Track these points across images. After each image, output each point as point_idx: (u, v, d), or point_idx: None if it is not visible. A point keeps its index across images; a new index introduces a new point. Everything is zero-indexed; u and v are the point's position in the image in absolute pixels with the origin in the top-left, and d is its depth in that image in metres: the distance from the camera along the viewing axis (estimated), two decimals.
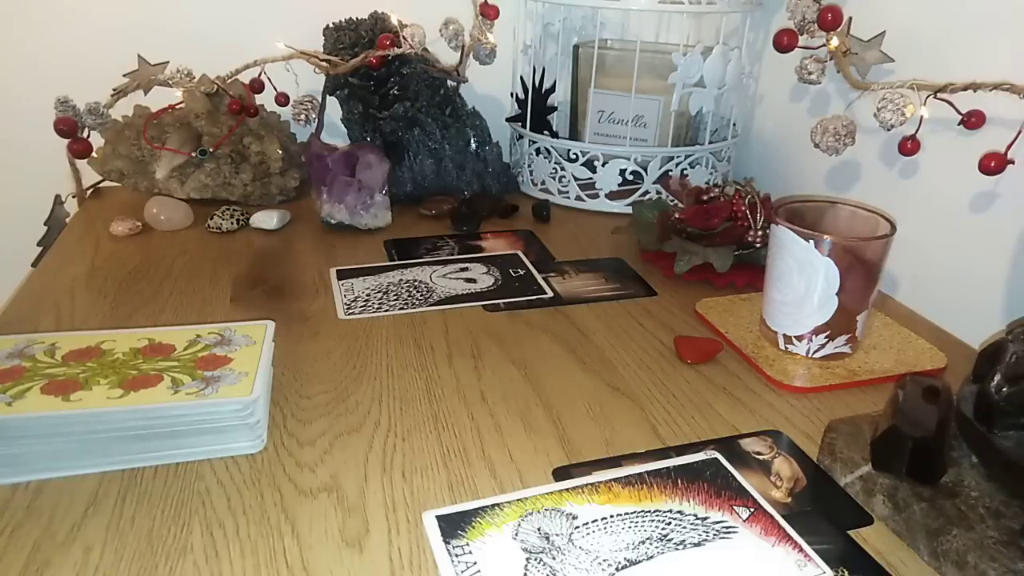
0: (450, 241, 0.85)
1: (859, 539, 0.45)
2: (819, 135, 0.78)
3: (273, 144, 0.91)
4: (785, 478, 0.50)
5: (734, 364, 0.63)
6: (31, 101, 0.93)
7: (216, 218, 0.85)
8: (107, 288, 0.71)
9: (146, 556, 0.42)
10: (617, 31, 1.08)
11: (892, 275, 0.78)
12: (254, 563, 0.41)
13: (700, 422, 0.55)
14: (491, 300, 0.72)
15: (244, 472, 0.48)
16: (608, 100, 0.93)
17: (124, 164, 0.89)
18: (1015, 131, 0.63)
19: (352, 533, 0.44)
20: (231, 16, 0.98)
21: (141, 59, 0.89)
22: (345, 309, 0.69)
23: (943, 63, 0.72)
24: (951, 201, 0.72)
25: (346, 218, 0.85)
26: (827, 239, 0.58)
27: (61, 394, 0.47)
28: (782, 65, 0.92)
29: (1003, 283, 0.68)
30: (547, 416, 0.55)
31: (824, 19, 0.77)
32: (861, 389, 0.60)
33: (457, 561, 0.41)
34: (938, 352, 0.64)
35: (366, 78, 0.91)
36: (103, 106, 0.88)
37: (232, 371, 0.51)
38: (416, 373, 0.60)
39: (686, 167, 0.94)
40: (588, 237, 0.88)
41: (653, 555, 0.42)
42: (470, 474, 0.49)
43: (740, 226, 0.76)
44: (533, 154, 0.98)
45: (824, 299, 0.59)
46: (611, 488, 0.47)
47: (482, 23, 0.94)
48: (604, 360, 0.63)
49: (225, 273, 0.75)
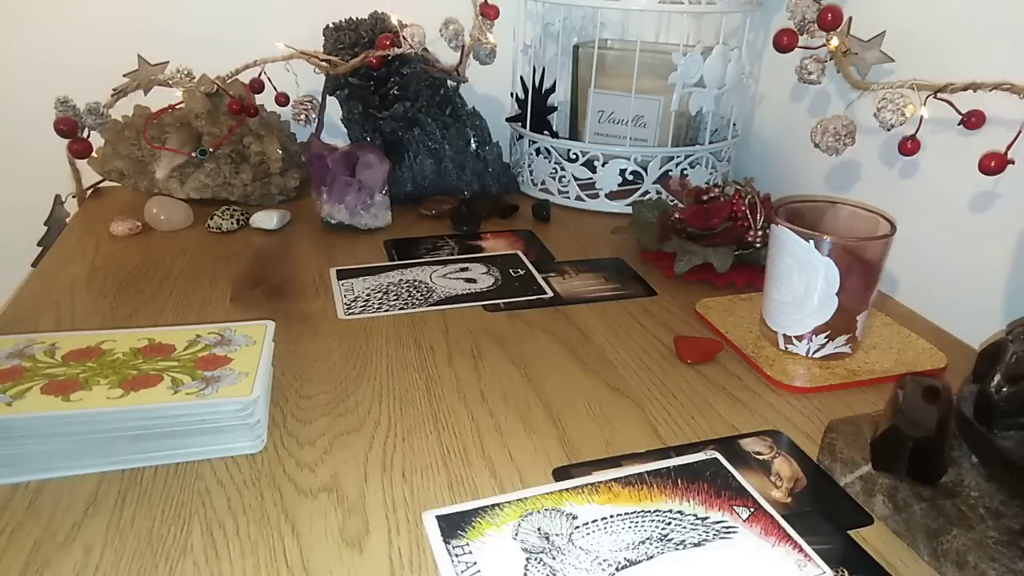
0: (450, 241, 0.85)
1: (859, 539, 0.45)
2: (819, 135, 0.78)
3: (273, 144, 0.91)
4: (785, 478, 0.50)
5: (734, 364, 0.63)
6: (31, 101, 0.93)
7: (216, 218, 0.85)
8: (107, 288, 0.71)
9: (146, 556, 0.42)
10: (617, 31, 1.08)
11: (892, 275, 0.78)
12: (254, 563, 0.41)
13: (700, 422, 0.55)
14: (491, 300, 0.72)
15: (244, 472, 0.48)
16: (608, 100, 0.93)
17: (124, 164, 0.89)
18: (1015, 131, 0.63)
19: (352, 533, 0.44)
20: (231, 16, 0.98)
21: (141, 59, 0.89)
22: (345, 309, 0.69)
23: (943, 63, 0.72)
24: (951, 201, 0.72)
25: (346, 218, 0.85)
26: (827, 239, 0.58)
27: (61, 394, 0.47)
28: (782, 65, 0.92)
29: (1003, 283, 0.68)
30: (547, 416, 0.55)
31: (824, 19, 0.77)
32: (861, 389, 0.60)
33: (457, 561, 0.41)
34: (938, 352, 0.64)
35: (366, 78, 0.91)
36: (103, 106, 0.88)
37: (232, 371, 0.51)
38: (416, 373, 0.60)
39: (686, 167, 0.94)
40: (588, 237, 0.88)
41: (653, 555, 0.42)
42: (470, 474, 0.49)
43: (740, 226, 0.76)
44: (533, 154, 0.98)
45: (824, 299, 0.60)
46: (611, 488, 0.47)
47: (482, 23, 0.94)
48: (604, 360, 0.63)
49: (225, 273, 0.75)
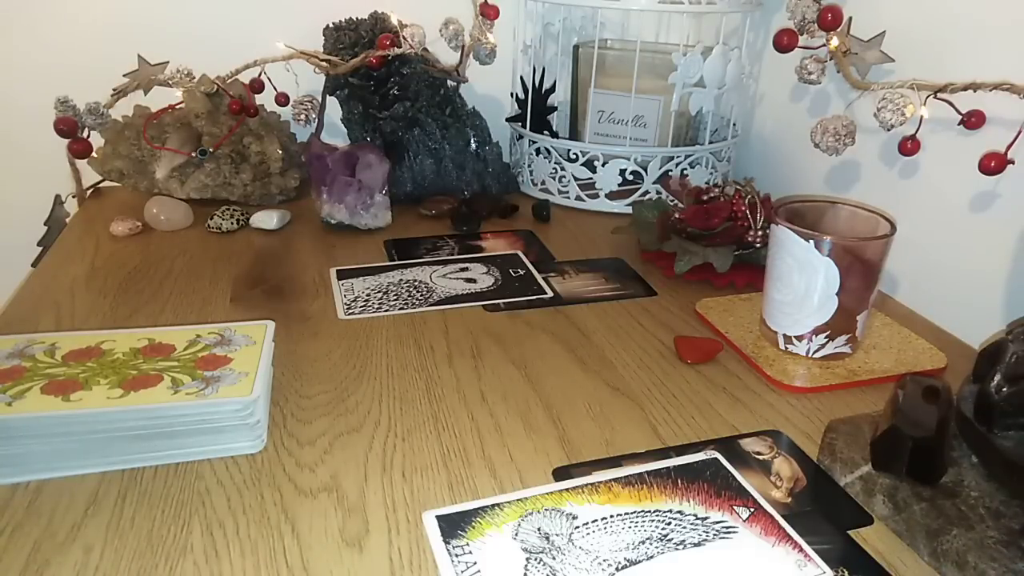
0: (450, 241, 0.85)
1: (859, 539, 0.45)
2: (819, 135, 0.78)
3: (273, 144, 0.91)
4: (785, 478, 0.50)
5: (734, 364, 0.63)
6: (31, 101, 0.93)
7: (216, 218, 0.85)
8: (107, 288, 0.71)
9: (146, 556, 0.42)
10: (617, 31, 1.08)
11: (892, 275, 0.78)
12: (254, 563, 0.41)
13: (700, 422, 0.55)
14: (491, 300, 0.72)
15: (244, 472, 0.48)
16: (608, 100, 0.93)
17: (124, 164, 0.89)
18: (1015, 131, 0.63)
19: (352, 533, 0.44)
20: (231, 16, 0.98)
21: (141, 59, 0.89)
22: (345, 309, 0.69)
23: (943, 63, 0.72)
24: (951, 201, 0.72)
25: (346, 218, 0.85)
26: (827, 239, 0.58)
27: (61, 394, 0.47)
28: (782, 65, 0.92)
29: (1003, 283, 0.68)
30: (547, 416, 0.55)
31: (824, 19, 0.77)
32: (861, 389, 0.60)
33: (457, 561, 0.41)
34: (938, 352, 0.64)
35: (366, 78, 0.91)
36: (103, 106, 0.88)
37: (232, 371, 0.51)
38: (416, 373, 0.60)
39: (686, 167, 0.94)
40: (588, 237, 0.88)
41: (653, 555, 0.42)
42: (470, 474, 0.49)
43: (740, 226, 0.76)
44: (533, 154, 0.98)
45: (824, 299, 0.59)
46: (611, 488, 0.47)
47: (482, 23, 0.94)
48: (604, 360, 0.63)
49: (225, 273, 0.75)
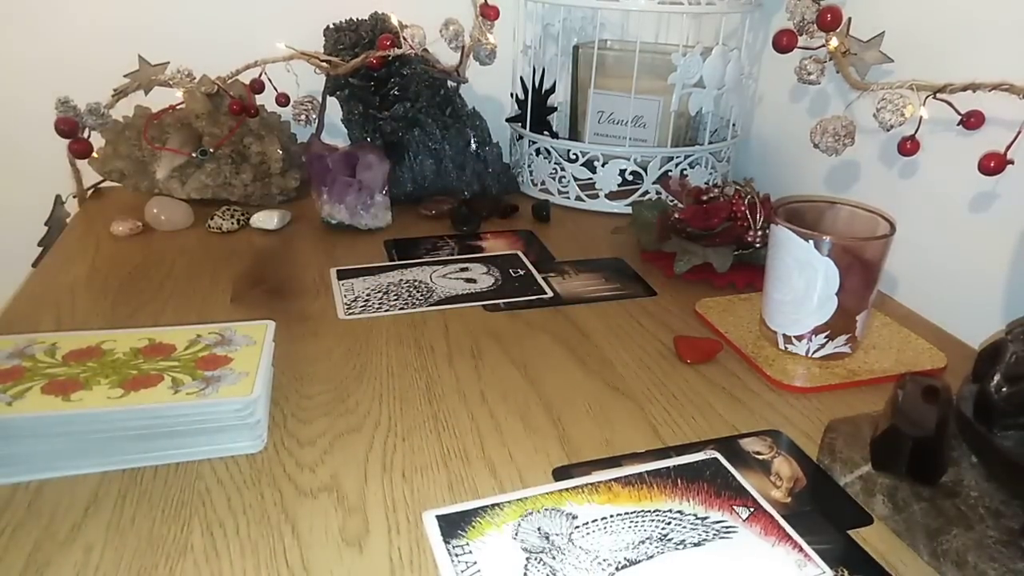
0: (450, 241, 0.85)
1: (859, 539, 0.45)
2: (818, 135, 0.78)
3: (273, 144, 0.91)
4: (785, 478, 0.50)
5: (734, 364, 0.63)
6: (31, 101, 0.93)
7: (216, 218, 0.85)
8: (107, 288, 0.71)
9: (146, 556, 0.42)
10: (617, 32, 1.08)
11: (892, 275, 0.78)
12: (254, 563, 0.41)
13: (700, 422, 0.55)
14: (491, 300, 0.72)
15: (244, 472, 0.48)
16: (608, 100, 0.93)
17: (124, 164, 0.89)
18: (1015, 131, 0.63)
19: (352, 533, 0.44)
20: (232, 16, 0.98)
21: (142, 59, 0.89)
22: (345, 309, 0.69)
23: (943, 63, 0.72)
24: (951, 201, 0.72)
25: (346, 218, 0.85)
26: (827, 239, 0.58)
27: (61, 394, 0.47)
28: (782, 65, 0.92)
29: (1003, 283, 0.68)
30: (547, 416, 0.55)
31: (823, 19, 0.77)
32: (861, 389, 0.60)
33: (457, 561, 0.41)
34: (938, 352, 0.64)
35: (366, 78, 0.91)
36: (104, 106, 0.88)
37: (232, 371, 0.51)
38: (416, 373, 0.60)
39: (686, 167, 0.94)
40: (588, 237, 0.88)
41: (653, 555, 0.42)
42: (470, 474, 0.49)
43: (740, 226, 0.76)
44: (533, 154, 0.98)
45: (824, 299, 0.60)
46: (611, 488, 0.47)
47: (482, 24, 0.94)
48: (604, 360, 0.63)
49: (225, 273, 0.75)
